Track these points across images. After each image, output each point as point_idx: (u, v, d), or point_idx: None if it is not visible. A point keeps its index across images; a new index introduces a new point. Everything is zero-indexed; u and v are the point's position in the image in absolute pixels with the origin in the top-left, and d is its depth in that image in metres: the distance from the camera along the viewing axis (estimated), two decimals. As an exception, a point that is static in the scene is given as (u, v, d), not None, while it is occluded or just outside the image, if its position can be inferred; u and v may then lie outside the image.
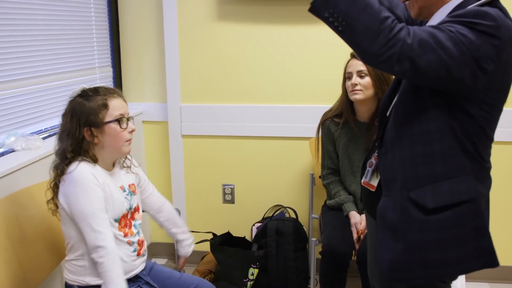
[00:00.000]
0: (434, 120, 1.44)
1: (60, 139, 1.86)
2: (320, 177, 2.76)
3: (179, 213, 2.64)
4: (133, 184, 2.02)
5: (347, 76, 2.51)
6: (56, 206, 1.89)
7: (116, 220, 1.90)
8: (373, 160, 1.67)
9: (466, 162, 1.46)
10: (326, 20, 1.34)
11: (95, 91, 1.86)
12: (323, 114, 2.68)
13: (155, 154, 3.43)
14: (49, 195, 1.90)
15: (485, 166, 1.51)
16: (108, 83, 3.25)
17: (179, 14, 3.14)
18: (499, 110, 1.47)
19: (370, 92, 2.43)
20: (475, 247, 1.47)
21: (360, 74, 2.43)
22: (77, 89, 1.87)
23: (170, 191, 3.40)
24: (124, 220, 1.94)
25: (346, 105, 2.55)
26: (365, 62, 1.39)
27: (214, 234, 3.12)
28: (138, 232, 2.01)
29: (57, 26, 2.64)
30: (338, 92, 2.60)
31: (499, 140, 3.02)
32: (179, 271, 2.17)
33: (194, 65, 3.21)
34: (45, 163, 2.20)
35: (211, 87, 3.22)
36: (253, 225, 3.22)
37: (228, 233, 3.12)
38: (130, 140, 1.91)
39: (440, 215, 1.45)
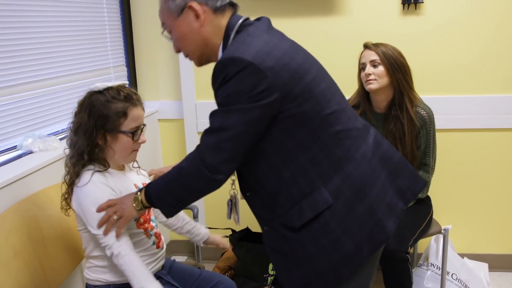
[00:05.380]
0: (270, 156, 1.53)
1: (76, 132, 1.83)
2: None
3: (197, 210, 2.65)
4: (145, 183, 2.02)
5: (361, 67, 2.49)
6: (68, 204, 1.89)
7: (135, 220, 1.90)
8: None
9: (314, 175, 1.51)
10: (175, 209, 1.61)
11: (117, 93, 1.83)
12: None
13: (172, 152, 3.44)
14: (64, 188, 1.89)
15: (336, 159, 1.52)
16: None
17: (191, 11, 3.13)
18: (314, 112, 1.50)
19: (384, 80, 2.41)
20: (354, 244, 1.50)
21: (374, 64, 2.42)
22: (100, 84, 1.83)
23: (188, 188, 3.40)
24: (144, 217, 1.94)
25: (362, 96, 2.53)
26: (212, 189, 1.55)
27: (233, 230, 3.12)
28: (155, 226, 2.01)
29: (71, 27, 2.65)
30: (354, 83, 2.58)
31: (499, 127, 3.00)
32: (199, 268, 2.16)
33: (208, 62, 3.20)
34: (63, 164, 2.21)
35: (226, 83, 3.21)
36: (272, 220, 3.21)
37: (247, 229, 3.12)
38: (137, 150, 1.91)
39: (308, 229, 1.52)
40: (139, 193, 1.66)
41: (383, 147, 1.65)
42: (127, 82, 1.93)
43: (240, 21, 1.58)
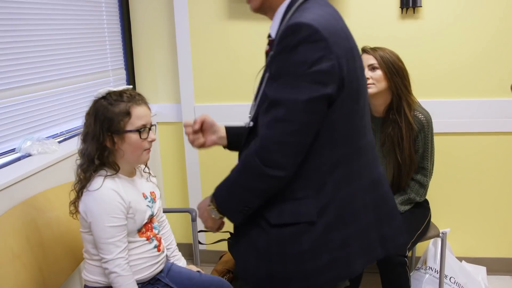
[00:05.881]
0: None
1: (85, 140, 1.85)
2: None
3: (195, 213, 2.64)
4: (153, 191, 2.02)
5: (359, 71, 2.49)
6: (76, 208, 1.90)
7: (138, 230, 1.91)
8: None
9: (312, 182, 1.43)
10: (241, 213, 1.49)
11: (120, 95, 1.85)
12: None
13: (171, 155, 3.44)
14: (72, 195, 1.90)
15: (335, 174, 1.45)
16: (122, 85, 3.26)
17: (190, 14, 3.14)
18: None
19: (382, 85, 2.42)
20: (315, 266, 1.44)
21: (372, 68, 2.43)
22: (102, 90, 1.85)
23: (187, 191, 3.41)
24: (146, 227, 1.95)
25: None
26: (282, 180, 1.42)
27: (231, 233, 3.11)
28: (158, 232, 2.02)
29: (70, 30, 2.65)
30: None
31: (497, 131, 3.00)
32: (198, 271, 2.16)
33: (207, 65, 3.21)
34: (62, 166, 2.22)
35: (225, 86, 3.22)
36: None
37: (246, 232, 3.11)
38: (148, 149, 1.91)
39: (280, 230, 1.45)
40: (211, 204, 1.54)
41: (383, 189, 1.59)
42: (131, 86, 1.94)
43: None
